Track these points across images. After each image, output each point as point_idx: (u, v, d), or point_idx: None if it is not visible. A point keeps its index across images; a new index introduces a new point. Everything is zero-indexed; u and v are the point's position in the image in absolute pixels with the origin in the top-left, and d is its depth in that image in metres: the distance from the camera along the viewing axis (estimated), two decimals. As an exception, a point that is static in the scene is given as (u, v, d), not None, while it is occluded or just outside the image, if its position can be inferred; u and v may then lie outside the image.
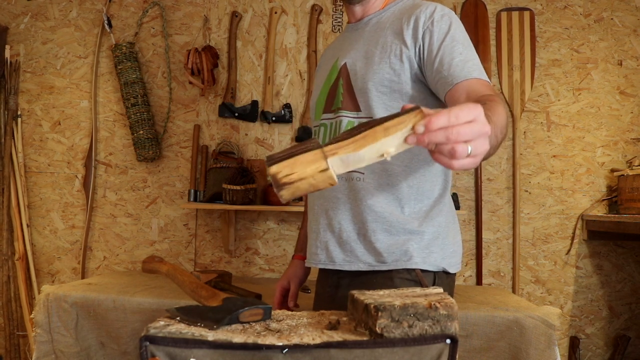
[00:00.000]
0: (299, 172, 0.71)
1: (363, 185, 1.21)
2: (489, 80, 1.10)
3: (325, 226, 1.26)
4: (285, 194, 0.71)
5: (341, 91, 1.27)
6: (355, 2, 1.30)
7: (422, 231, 1.18)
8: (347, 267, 1.22)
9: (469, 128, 0.68)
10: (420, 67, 1.17)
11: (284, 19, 2.69)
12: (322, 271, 1.35)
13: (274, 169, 0.71)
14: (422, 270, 1.16)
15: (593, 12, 2.61)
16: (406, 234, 1.18)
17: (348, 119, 1.24)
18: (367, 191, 1.20)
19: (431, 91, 1.19)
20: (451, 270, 1.21)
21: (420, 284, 1.15)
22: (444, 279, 1.20)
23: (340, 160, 0.72)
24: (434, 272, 1.18)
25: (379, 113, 1.19)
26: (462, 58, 1.10)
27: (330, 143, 0.74)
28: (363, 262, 1.20)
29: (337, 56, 1.33)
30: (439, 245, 1.20)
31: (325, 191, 1.26)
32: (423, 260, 1.16)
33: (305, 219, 1.55)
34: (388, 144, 0.73)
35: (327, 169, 0.71)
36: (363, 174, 1.21)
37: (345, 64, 1.28)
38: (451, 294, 1.23)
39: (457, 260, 1.24)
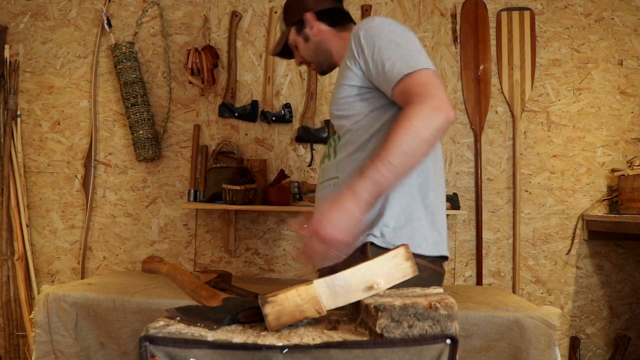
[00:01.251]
0: (285, 291, 0.76)
1: (338, 188, 1.31)
2: (417, 67, 1.17)
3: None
4: (269, 311, 0.74)
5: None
6: (330, 71, 1.59)
7: (384, 216, 1.27)
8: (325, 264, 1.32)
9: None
10: (370, 80, 1.30)
11: (284, 18, 2.68)
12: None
13: (263, 296, 0.76)
14: (372, 245, 1.23)
15: (593, 12, 2.61)
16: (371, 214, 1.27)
17: (332, 138, 1.45)
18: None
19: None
20: (423, 252, 1.24)
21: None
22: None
23: (325, 284, 0.75)
24: (379, 247, 1.23)
25: (342, 125, 1.36)
26: (390, 63, 1.20)
27: None
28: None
29: None
30: (400, 226, 1.26)
31: (317, 200, 1.42)
32: (380, 239, 1.24)
33: None
34: (374, 274, 0.78)
35: (311, 284, 0.76)
36: (337, 177, 1.35)
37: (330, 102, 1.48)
38: (440, 282, 1.28)
39: (425, 243, 1.27)
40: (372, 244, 1.23)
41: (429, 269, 1.26)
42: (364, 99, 1.32)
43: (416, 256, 1.21)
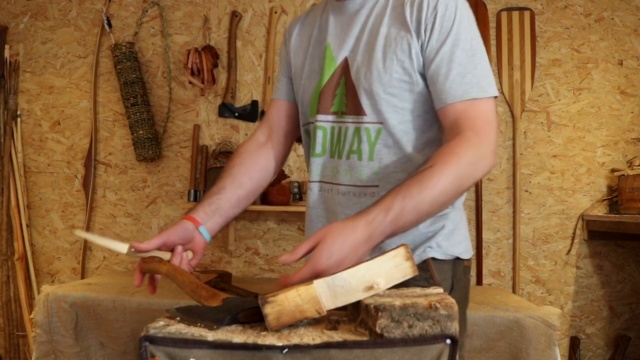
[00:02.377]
0: (285, 291, 0.75)
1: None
2: (487, 95, 1.01)
3: None
4: (269, 311, 0.73)
5: (344, 91, 1.13)
6: None
7: (433, 226, 1.11)
8: None
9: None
10: (423, 65, 1.06)
11: (284, 18, 2.68)
12: None
13: (263, 296, 0.75)
14: (434, 259, 1.09)
15: (593, 12, 2.61)
16: (417, 233, 1.09)
17: (355, 125, 1.11)
18: None
19: None
20: (463, 256, 1.16)
21: (431, 277, 1.09)
22: (459, 266, 1.15)
23: (325, 284, 0.75)
24: (451, 262, 1.12)
25: (390, 118, 1.08)
26: (459, 71, 1.01)
27: None
28: None
29: (327, 41, 1.17)
30: (447, 235, 1.12)
31: (335, 205, 1.14)
32: (433, 250, 1.09)
33: (215, 185, 1.25)
34: (374, 274, 0.77)
35: (311, 284, 0.75)
36: (377, 186, 1.10)
37: (346, 58, 1.13)
38: (467, 283, 1.19)
39: (466, 245, 1.18)
40: (433, 258, 1.09)
41: (469, 269, 1.21)
42: (419, 91, 1.07)
43: (465, 261, 1.18)
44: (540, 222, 2.60)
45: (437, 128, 1.10)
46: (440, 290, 0.83)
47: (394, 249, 0.80)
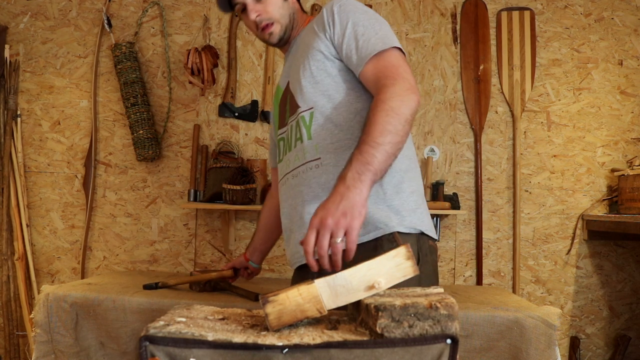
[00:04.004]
0: (287, 290, 0.76)
1: (323, 170, 1.28)
2: (390, 45, 1.21)
3: (298, 222, 1.32)
4: (270, 310, 0.73)
5: (289, 103, 1.39)
6: (282, 44, 1.46)
7: (397, 201, 1.26)
8: None
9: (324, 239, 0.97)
10: (339, 54, 1.29)
11: (284, 18, 2.68)
12: (300, 268, 1.38)
13: (264, 295, 0.76)
14: (400, 233, 1.23)
15: (593, 12, 2.61)
16: (383, 205, 1.24)
17: (295, 119, 1.35)
18: (331, 175, 1.26)
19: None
20: (430, 233, 1.30)
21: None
22: (423, 241, 1.28)
23: (326, 283, 0.75)
24: (416, 235, 1.26)
25: (317, 101, 1.30)
26: (364, 40, 1.22)
27: None
28: None
29: (279, 82, 1.50)
30: (411, 210, 1.28)
31: (291, 189, 1.35)
32: (399, 223, 1.24)
33: (260, 226, 1.76)
34: (375, 274, 0.79)
35: (312, 283, 0.76)
36: (319, 158, 1.29)
37: (288, 82, 1.40)
38: (435, 263, 1.33)
39: (428, 223, 1.32)
40: (399, 232, 1.23)
41: (436, 251, 1.34)
42: (339, 74, 1.30)
43: (429, 238, 1.30)
44: (540, 222, 2.60)
45: (360, 99, 1.29)
46: (441, 290, 0.83)
47: (394, 248, 0.80)
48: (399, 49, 1.24)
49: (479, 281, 2.58)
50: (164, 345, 0.69)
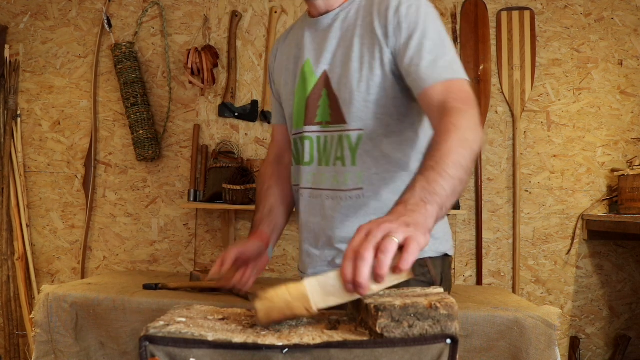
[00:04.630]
0: (276, 289, 0.74)
1: (363, 202, 1.16)
2: (460, 77, 1.06)
3: (325, 243, 1.22)
4: (259, 307, 0.73)
5: (327, 102, 1.20)
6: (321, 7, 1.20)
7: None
8: None
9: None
10: (397, 65, 1.11)
11: (284, 18, 2.68)
12: None
13: (254, 293, 0.76)
14: (430, 258, 1.17)
15: (593, 12, 2.61)
16: None
17: (338, 133, 1.18)
18: (370, 208, 1.15)
19: None
20: (450, 253, 1.24)
21: (429, 272, 1.17)
22: (447, 262, 1.23)
23: (317, 282, 0.74)
24: (441, 258, 1.20)
25: (369, 124, 1.14)
26: (431, 58, 1.05)
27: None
28: None
29: (306, 57, 1.24)
30: (443, 234, 1.22)
31: (320, 209, 1.21)
32: (431, 248, 1.18)
33: (262, 206, 1.36)
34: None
35: (302, 283, 0.74)
36: (362, 189, 1.15)
37: (325, 72, 1.20)
38: (450, 276, 1.27)
39: (451, 243, 1.27)
40: (430, 258, 1.17)
41: (451, 264, 1.29)
42: (395, 95, 1.13)
43: (449, 256, 1.25)
44: (540, 222, 2.60)
45: (413, 128, 1.17)
46: (441, 290, 0.83)
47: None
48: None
49: (479, 281, 2.58)
50: (164, 345, 0.69)
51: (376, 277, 0.69)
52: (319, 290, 0.74)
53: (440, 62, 1.05)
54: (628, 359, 2.53)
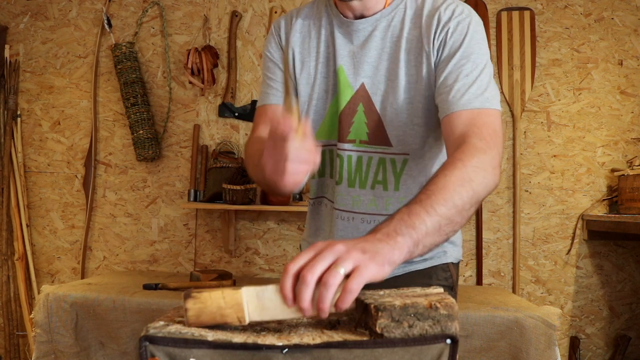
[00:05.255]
0: (211, 291, 0.70)
1: None
2: (492, 107, 0.99)
3: None
4: (190, 306, 0.70)
5: (363, 119, 1.10)
6: (356, 10, 1.08)
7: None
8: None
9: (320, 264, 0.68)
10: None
11: (284, 18, 2.68)
12: None
13: (190, 290, 0.72)
14: (452, 263, 1.20)
15: (593, 12, 2.61)
16: None
17: (379, 155, 1.10)
18: None
19: None
20: (461, 258, 1.25)
21: (451, 276, 1.19)
22: (457, 266, 1.25)
23: (255, 293, 0.71)
24: (457, 264, 1.22)
25: (416, 149, 1.08)
26: (466, 82, 0.99)
27: None
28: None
29: (339, 63, 1.12)
30: (460, 241, 1.24)
31: (355, 230, 1.12)
32: (452, 255, 1.19)
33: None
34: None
35: (239, 289, 0.70)
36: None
37: (363, 85, 1.10)
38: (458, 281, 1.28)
39: (461, 249, 1.29)
40: (452, 263, 1.18)
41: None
42: (437, 113, 1.05)
43: (458, 263, 1.26)
44: (540, 222, 2.60)
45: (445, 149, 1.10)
46: (441, 290, 0.83)
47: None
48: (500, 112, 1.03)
49: (479, 281, 2.58)
50: (164, 345, 0.69)
51: (319, 310, 0.67)
52: (256, 301, 0.71)
53: (473, 88, 0.99)
54: (628, 359, 2.53)
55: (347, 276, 0.68)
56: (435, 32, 1.04)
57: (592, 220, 2.52)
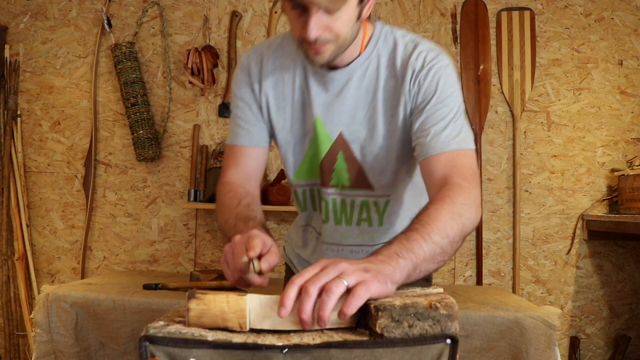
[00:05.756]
0: (216, 294, 0.71)
1: None
2: (468, 147, 1.05)
3: None
4: (193, 306, 0.71)
5: (344, 167, 1.15)
6: (329, 64, 1.07)
7: None
8: None
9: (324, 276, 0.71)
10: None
11: (284, 18, 2.68)
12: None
13: (195, 290, 0.72)
14: None
15: (593, 12, 2.61)
16: None
17: (362, 198, 1.17)
18: None
19: None
20: None
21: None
22: None
23: (258, 301, 0.72)
24: None
25: (397, 189, 1.16)
26: (442, 125, 1.04)
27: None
28: None
29: (316, 114, 1.14)
30: None
31: (342, 257, 1.14)
32: None
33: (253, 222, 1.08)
34: None
35: (243, 296, 0.71)
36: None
37: (342, 134, 1.14)
38: None
39: None
40: None
41: None
42: (409, 157, 1.14)
43: None
44: (540, 222, 2.60)
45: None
46: (441, 290, 0.83)
47: None
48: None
49: (479, 281, 2.58)
50: (164, 345, 0.69)
51: (318, 318, 0.68)
52: (258, 309, 0.72)
53: (448, 131, 1.03)
54: (628, 359, 2.53)
55: (350, 290, 0.70)
56: (410, 82, 1.08)
57: (592, 220, 2.52)
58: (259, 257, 0.87)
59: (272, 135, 1.24)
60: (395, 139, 1.11)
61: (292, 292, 0.70)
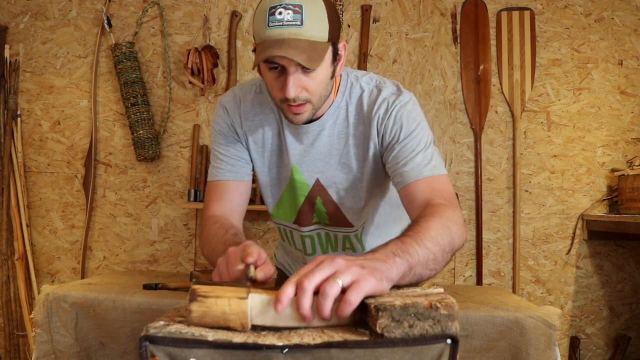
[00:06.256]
0: (219, 292, 0.72)
1: None
2: (441, 173, 1.13)
3: None
4: (194, 308, 0.72)
5: (323, 209, 1.26)
6: (304, 122, 1.14)
7: None
8: None
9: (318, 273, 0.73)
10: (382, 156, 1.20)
11: (284, 18, 2.68)
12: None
13: (196, 285, 0.73)
14: None
15: (593, 12, 2.61)
16: None
17: (343, 234, 1.30)
18: None
19: None
20: None
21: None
22: None
23: (260, 301, 0.73)
24: None
25: (372, 218, 1.28)
26: (412, 156, 1.12)
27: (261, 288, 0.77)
28: None
29: (292, 163, 1.22)
30: None
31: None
32: None
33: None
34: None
35: (245, 298, 0.72)
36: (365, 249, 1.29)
37: (318, 180, 1.23)
38: None
39: None
40: None
41: None
42: (388, 186, 1.26)
43: None
44: (540, 222, 2.60)
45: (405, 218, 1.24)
46: (441, 290, 0.83)
47: None
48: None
49: (479, 281, 2.58)
50: (164, 345, 0.69)
51: (321, 317, 0.71)
52: (259, 307, 0.73)
53: (419, 159, 1.12)
54: (628, 359, 2.53)
55: (346, 289, 0.72)
56: (378, 126, 1.17)
57: (592, 220, 2.52)
58: (255, 266, 0.88)
59: (253, 170, 1.31)
60: (367, 177, 1.20)
61: (288, 288, 0.71)
